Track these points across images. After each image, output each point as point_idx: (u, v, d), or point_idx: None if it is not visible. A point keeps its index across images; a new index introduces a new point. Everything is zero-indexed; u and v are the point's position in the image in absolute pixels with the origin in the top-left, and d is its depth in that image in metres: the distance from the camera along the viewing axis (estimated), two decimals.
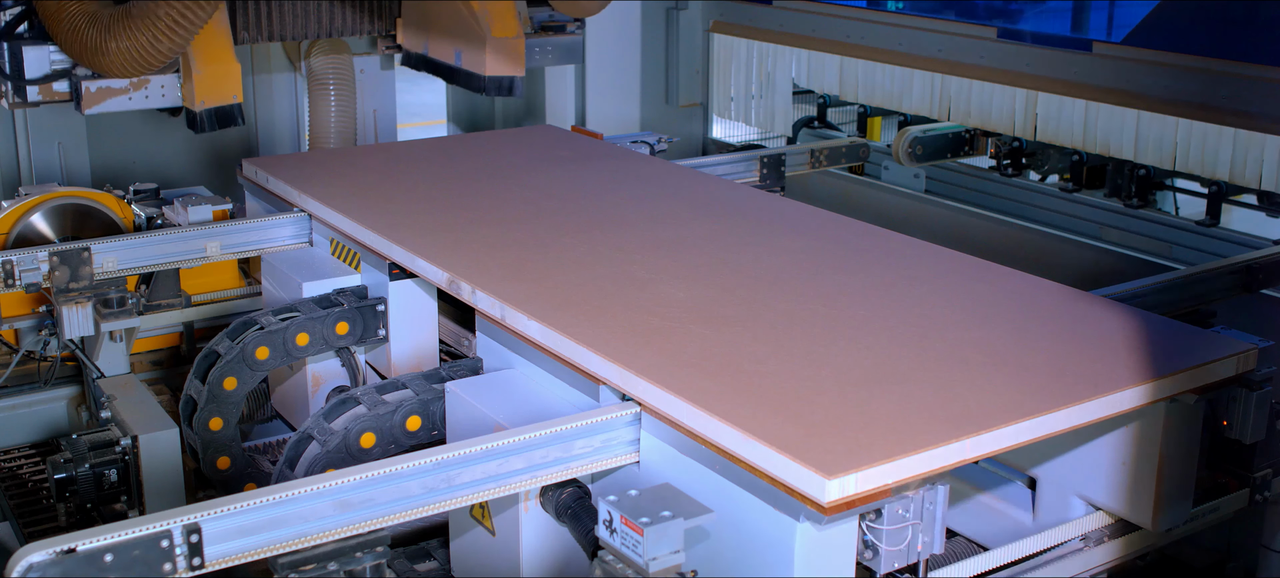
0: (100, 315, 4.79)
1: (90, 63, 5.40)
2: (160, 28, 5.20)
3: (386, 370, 4.61)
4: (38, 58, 5.63)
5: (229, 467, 4.52)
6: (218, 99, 5.73)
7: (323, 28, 6.39)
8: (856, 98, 7.33)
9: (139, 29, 5.22)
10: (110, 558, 2.66)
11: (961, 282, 4.10)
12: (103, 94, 5.65)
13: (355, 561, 2.97)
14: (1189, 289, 4.53)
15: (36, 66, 5.61)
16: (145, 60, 5.31)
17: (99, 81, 5.59)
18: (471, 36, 6.21)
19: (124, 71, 5.39)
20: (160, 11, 5.18)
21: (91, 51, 5.33)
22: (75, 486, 4.32)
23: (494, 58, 6.20)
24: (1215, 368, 3.50)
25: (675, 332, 3.59)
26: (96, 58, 5.34)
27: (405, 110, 8.34)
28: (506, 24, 6.22)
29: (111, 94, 5.67)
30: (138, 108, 5.77)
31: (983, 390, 3.24)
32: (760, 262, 4.25)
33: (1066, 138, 6.13)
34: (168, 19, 5.18)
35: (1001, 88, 6.39)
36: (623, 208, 4.87)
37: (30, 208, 5.43)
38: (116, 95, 5.69)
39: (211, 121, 5.72)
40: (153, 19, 5.20)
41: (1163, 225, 5.86)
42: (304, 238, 5.08)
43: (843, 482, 2.78)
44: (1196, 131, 5.57)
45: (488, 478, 3.13)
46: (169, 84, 5.76)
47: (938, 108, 6.75)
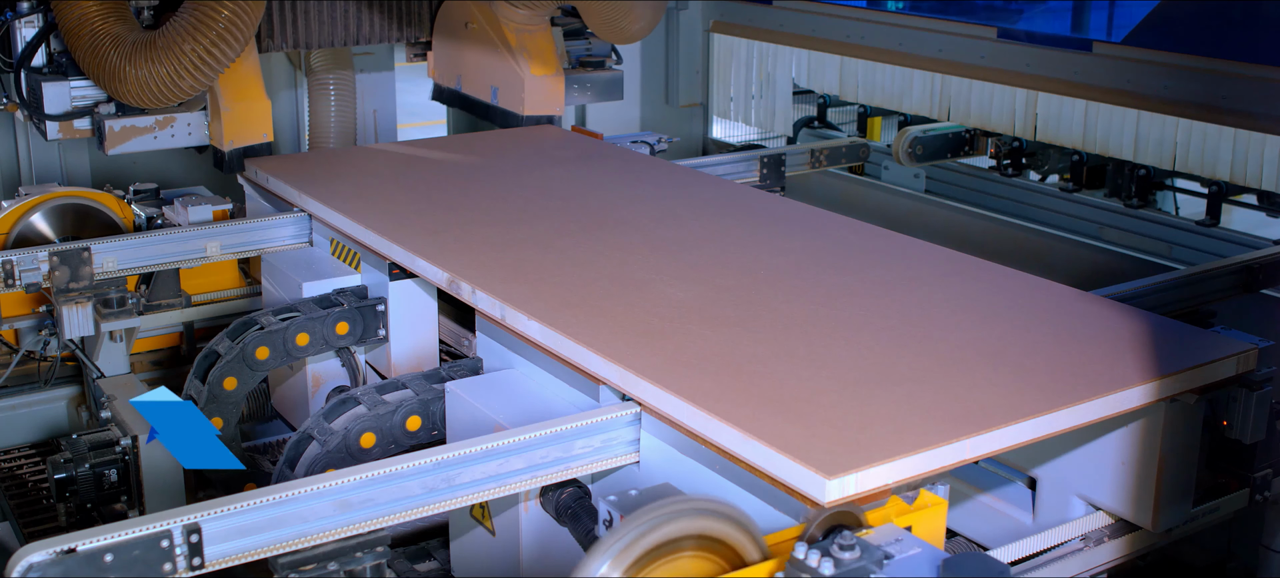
0: (100, 315, 4.79)
1: (108, 87, 5.16)
2: (184, 64, 4.97)
3: (386, 370, 4.61)
4: (58, 94, 5.39)
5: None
6: (247, 138, 5.50)
7: (350, 35, 6.19)
8: (856, 98, 7.33)
9: (161, 61, 4.97)
10: (110, 558, 2.66)
11: (961, 282, 4.10)
12: (127, 133, 5.44)
13: (355, 561, 2.97)
14: (1189, 289, 4.53)
15: (57, 103, 5.39)
16: (166, 94, 5.08)
17: (123, 119, 5.39)
18: (509, 73, 6.01)
19: (143, 102, 5.15)
20: (185, 47, 4.95)
21: (111, 76, 5.08)
22: (75, 486, 4.32)
23: (533, 96, 6.00)
24: (1215, 368, 3.50)
25: (675, 332, 3.59)
26: (115, 84, 5.09)
27: (405, 110, 8.34)
28: (546, 61, 6.04)
29: (136, 133, 5.46)
30: (163, 147, 5.57)
31: (983, 391, 3.24)
32: (760, 262, 4.25)
33: (1066, 138, 6.13)
34: (192, 56, 4.95)
35: (1001, 88, 6.39)
36: (623, 208, 4.87)
37: (30, 208, 5.43)
38: (141, 134, 5.48)
39: (239, 162, 5.49)
40: (176, 54, 4.96)
41: (1163, 225, 5.86)
42: (304, 238, 5.08)
43: (842, 482, 2.78)
44: (1196, 131, 5.58)
45: (488, 478, 3.13)
46: (195, 122, 5.57)
47: (938, 108, 6.76)
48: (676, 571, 2.51)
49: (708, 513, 2.52)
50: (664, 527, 2.46)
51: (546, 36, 6.19)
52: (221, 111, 5.42)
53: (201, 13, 4.95)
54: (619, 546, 2.41)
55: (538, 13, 6.09)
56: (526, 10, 6.04)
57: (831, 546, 2.49)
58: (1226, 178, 5.51)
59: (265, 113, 5.53)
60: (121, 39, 5.05)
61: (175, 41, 4.95)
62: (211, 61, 4.97)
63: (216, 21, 4.94)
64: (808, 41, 7.45)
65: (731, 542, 2.57)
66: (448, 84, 6.56)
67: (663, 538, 2.47)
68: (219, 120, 5.45)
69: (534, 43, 6.04)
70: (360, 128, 7.24)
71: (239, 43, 5.01)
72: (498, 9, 6.07)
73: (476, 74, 6.28)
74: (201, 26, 4.95)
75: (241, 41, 5.01)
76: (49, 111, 5.37)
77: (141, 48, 5.00)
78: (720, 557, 2.58)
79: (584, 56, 6.53)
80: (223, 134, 5.45)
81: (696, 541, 2.52)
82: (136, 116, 5.43)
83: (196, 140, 5.58)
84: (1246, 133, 5.39)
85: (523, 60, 5.95)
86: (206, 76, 5.04)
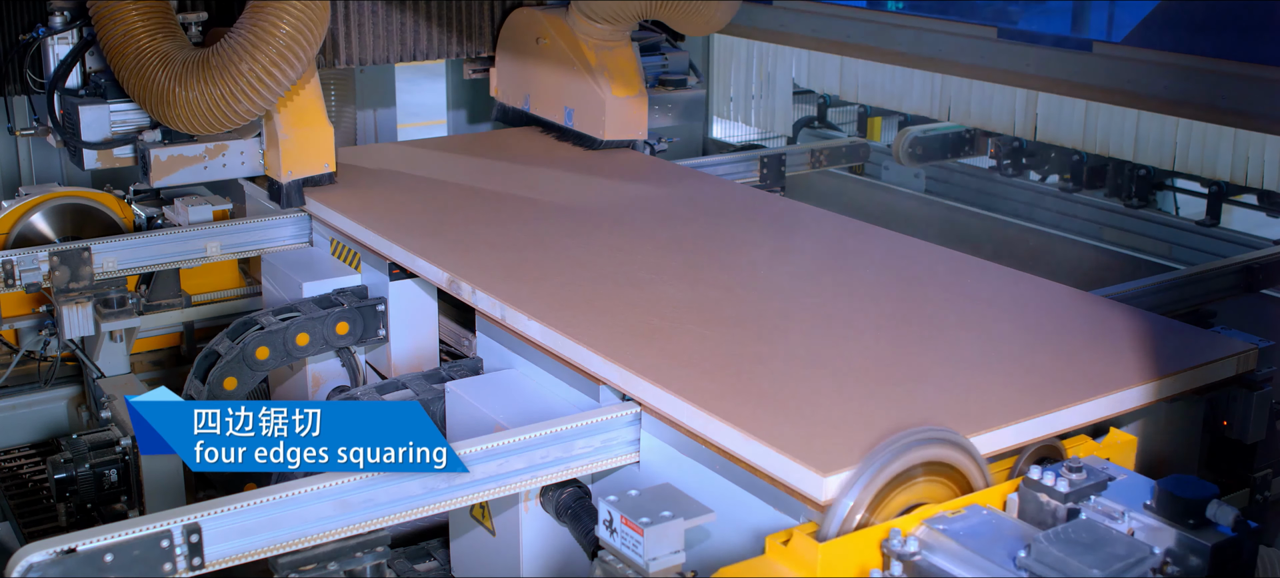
0: (100, 315, 4.79)
1: (156, 111, 4.67)
2: (240, 85, 4.47)
3: (386, 370, 4.61)
4: (96, 119, 4.90)
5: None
6: (307, 168, 4.96)
7: (406, 51, 5.75)
8: (856, 98, 7.33)
9: (214, 82, 4.48)
10: (110, 558, 2.66)
11: (962, 282, 4.10)
12: (175, 163, 4.93)
13: (355, 561, 2.97)
14: (1189, 289, 4.53)
15: (95, 129, 4.90)
16: (219, 119, 4.58)
17: (170, 148, 4.89)
18: (587, 93, 5.56)
19: (193, 127, 4.64)
20: (242, 66, 4.45)
21: (159, 99, 4.59)
22: (75, 486, 4.32)
23: (615, 119, 5.54)
24: (1215, 368, 3.50)
25: (675, 332, 3.59)
26: (163, 107, 4.61)
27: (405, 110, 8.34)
28: (628, 80, 5.57)
29: (184, 162, 4.96)
30: (214, 178, 5.08)
31: (982, 391, 3.24)
32: (760, 262, 4.25)
33: (1066, 138, 6.13)
34: (250, 76, 4.45)
35: (1001, 88, 6.39)
36: (623, 208, 4.86)
37: (30, 208, 5.43)
38: (190, 164, 4.97)
39: (298, 194, 4.98)
40: (232, 73, 4.47)
41: (1163, 225, 5.86)
42: (304, 238, 5.08)
43: (841, 479, 2.77)
44: (1196, 131, 5.57)
45: (488, 478, 3.12)
46: (249, 150, 5.04)
47: (938, 108, 6.75)
48: (912, 497, 2.76)
49: (938, 442, 2.79)
50: (902, 457, 2.72)
51: (628, 53, 5.72)
52: (278, 139, 4.91)
53: (259, 28, 4.48)
54: (864, 479, 2.69)
55: (619, 28, 5.68)
56: (606, 25, 5.62)
57: (1060, 468, 2.74)
58: (1226, 178, 5.51)
59: (327, 140, 5.01)
60: (170, 58, 4.58)
61: (231, 60, 4.47)
62: (270, 82, 4.50)
63: (275, 37, 4.46)
64: (808, 41, 7.44)
65: (960, 467, 2.83)
66: (513, 104, 6.06)
67: (902, 467, 2.73)
68: (276, 148, 4.94)
69: (615, 61, 5.59)
70: (360, 128, 7.24)
71: (301, 61, 4.54)
72: (574, 23, 5.67)
73: (548, 94, 5.81)
74: (260, 43, 4.47)
75: (303, 60, 4.55)
76: (86, 139, 4.92)
77: (193, 67, 4.53)
78: (950, 482, 2.83)
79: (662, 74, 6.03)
80: (280, 164, 4.93)
81: (926, 468, 2.78)
82: (185, 144, 4.95)
83: (250, 170, 5.10)
84: (1246, 133, 5.39)
85: (603, 80, 5.49)
86: (265, 99, 4.56)
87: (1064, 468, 2.73)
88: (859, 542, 2.64)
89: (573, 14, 5.65)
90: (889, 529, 2.63)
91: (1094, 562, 2.42)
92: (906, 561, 2.59)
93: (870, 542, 2.64)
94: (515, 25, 5.99)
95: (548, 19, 5.77)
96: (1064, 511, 2.68)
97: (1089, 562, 2.42)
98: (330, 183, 5.01)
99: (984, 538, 2.60)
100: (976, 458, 2.85)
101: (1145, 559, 2.46)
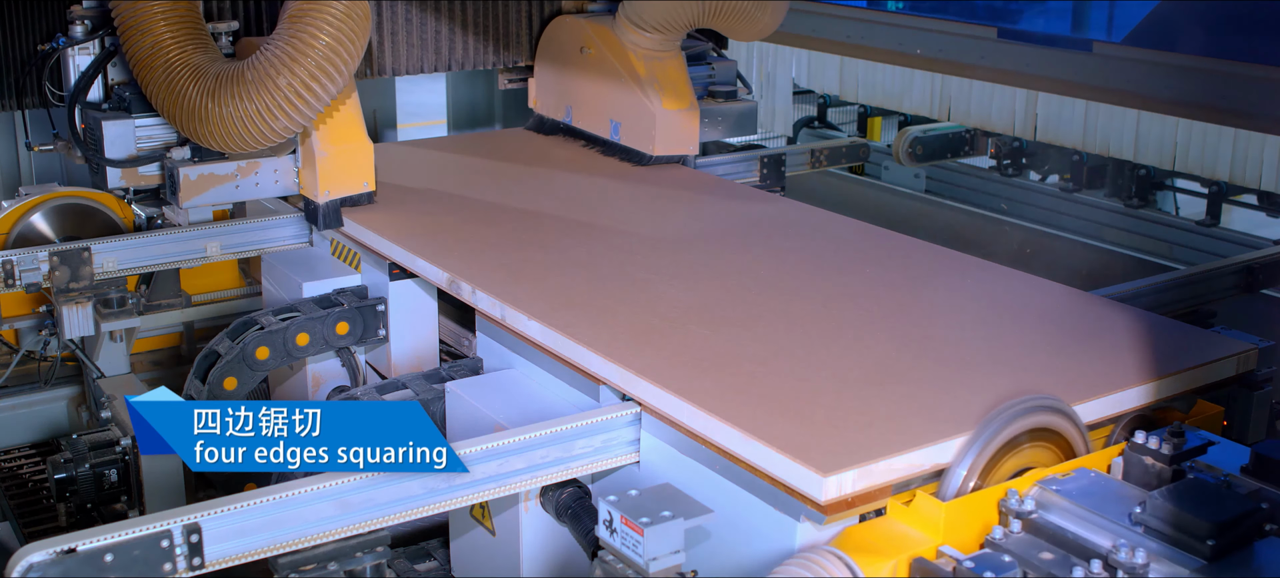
0: (100, 315, 4.79)
1: (186, 128, 4.39)
2: (277, 99, 4.20)
3: (386, 370, 4.61)
4: (120, 135, 4.61)
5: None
6: (345, 188, 4.65)
7: (442, 61, 5.53)
8: (856, 98, 7.34)
9: (250, 97, 4.21)
10: (110, 558, 2.66)
11: (962, 282, 4.10)
12: (205, 182, 4.62)
13: (355, 561, 2.97)
14: (1189, 289, 4.53)
15: (119, 145, 4.60)
16: (255, 136, 4.30)
17: (200, 166, 4.58)
18: (635, 106, 5.28)
19: (226, 145, 4.35)
20: (279, 81, 4.18)
21: (190, 115, 4.31)
22: (75, 486, 4.33)
23: (665, 133, 5.25)
24: (1215, 368, 3.50)
25: (675, 332, 3.59)
26: (195, 124, 4.32)
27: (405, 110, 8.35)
28: (679, 93, 5.29)
29: (215, 181, 4.64)
30: (246, 198, 4.80)
31: (982, 390, 3.24)
32: (760, 262, 4.25)
33: (1066, 138, 6.13)
34: (288, 90, 4.18)
35: (1001, 88, 6.39)
36: (623, 208, 4.86)
37: (31, 208, 5.43)
38: (221, 183, 4.65)
39: (335, 216, 4.66)
40: (269, 88, 4.20)
41: (1163, 225, 5.86)
42: (304, 238, 5.08)
43: (840, 479, 2.78)
44: (1196, 131, 5.58)
45: (488, 478, 3.13)
46: (283, 169, 4.70)
47: (938, 108, 6.76)
48: (1020, 462, 2.94)
49: (1046, 409, 2.97)
50: (1013, 424, 2.90)
51: (678, 64, 5.43)
52: (316, 157, 4.59)
53: (298, 39, 4.19)
54: (978, 445, 2.86)
55: (669, 37, 5.38)
56: (656, 34, 5.33)
57: (1163, 433, 2.94)
58: (1226, 178, 5.51)
59: (367, 157, 4.70)
60: (202, 71, 4.31)
61: (267, 74, 4.19)
62: (310, 97, 4.22)
63: (314, 48, 4.18)
64: (808, 41, 7.45)
65: (1064, 433, 3.01)
66: (553, 115, 5.79)
67: (1012, 434, 2.90)
68: (312, 166, 4.62)
69: (665, 72, 5.29)
70: None
71: (342, 74, 4.26)
72: (622, 32, 5.39)
73: (592, 106, 5.52)
74: (298, 55, 4.19)
75: (345, 73, 4.28)
76: (110, 156, 4.63)
77: (227, 82, 4.25)
78: (1053, 448, 3.00)
79: (710, 85, 5.71)
80: (317, 183, 4.61)
81: (1032, 434, 2.95)
82: (215, 162, 4.62)
83: (284, 189, 4.78)
84: (1246, 133, 5.40)
85: (652, 92, 5.22)
86: (303, 115, 4.27)
87: (1167, 433, 2.94)
88: (979, 501, 2.82)
89: (620, 22, 5.40)
90: (1006, 490, 2.80)
91: (1209, 515, 2.59)
92: (1025, 518, 2.75)
93: (988, 502, 2.82)
94: (556, 34, 5.74)
95: (592, 27, 5.52)
96: (1169, 472, 2.88)
97: (1204, 515, 2.59)
98: (369, 203, 4.73)
99: (1095, 497, 2.77)
100: (1079, 425, 3.04)
101: (1255, 513, 2.63)
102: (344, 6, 4.19)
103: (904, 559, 2.73)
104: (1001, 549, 2.70)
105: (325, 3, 4.18)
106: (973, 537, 2.79)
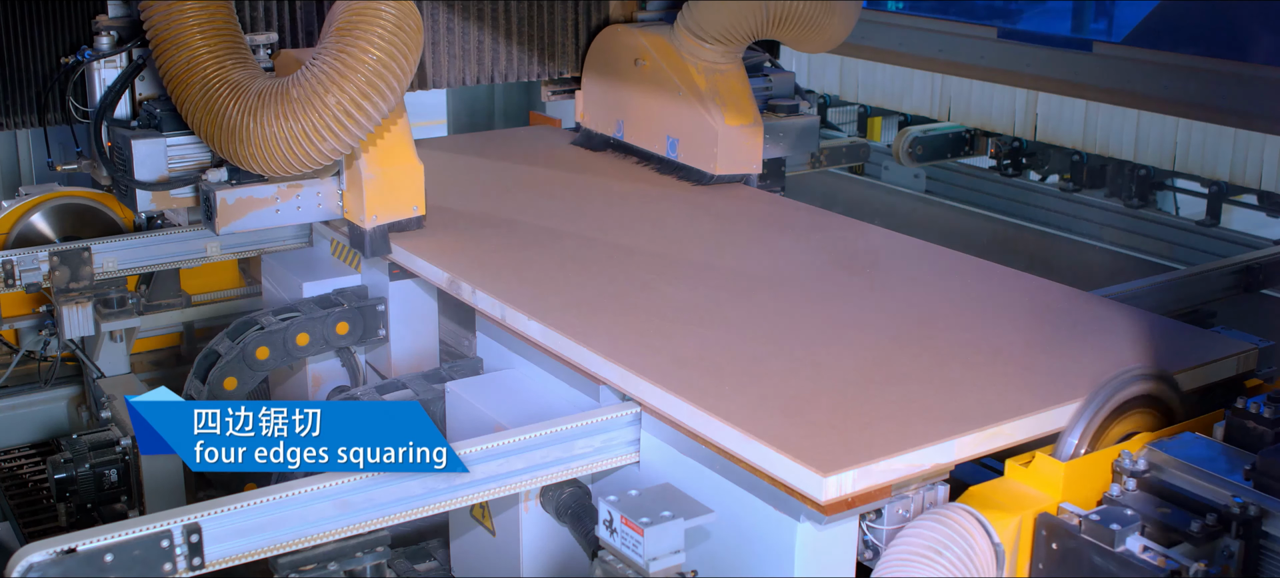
0: (100, 315, 4.79)
1: (225, 148, 4.05)
2: (325, 118, 3.90)
3: (386, 370, 4.61)
4: (151, 155, 4.27)
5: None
6: (394, 212, 4.34)
7: (484, 73, 5.26)
8: (856, 98, 7.34)
9: (295, 116, 3.91)
10: (110, 558, 2.67)
11: (962, 282, 4.10)
12: (243, 206, 4.28)
13: (355, 561, 2.97)
14: (1189, 289, 4.54)
15: (150, 166, 4.26)
16: (300, 158, 3.99)
17: (238, 189, 4.24)
18: (695, 122, 4.99)
19: (269, 167, 4.03)
20: (328, 99, 3.89)
21: (229, 134, 4.00)
22: (75, 486, 4.32)
23: (728, 151, 4.94)
24: (1215, 368, 3.50)
25: (675, 332, 3.59)
26: (234, 145, 4.00)
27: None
28: (742, 108, 4.99)
29: (254, 205, 4.30)
30: (286, 223, 4.47)
31: (983, 390, 3.24)
32: (760, 262, 4.25)
33: (1066, 138, 6.13)
34: (337, 109, 3.89)
35: (1001, 88, 6.40)
36: (623, 208, 4.86)
37: (31, 208, 5.43)
38: (261, 207, 4.31)
39: (382, 242, 4.33)
40: (318, 105, 3.90)
41: (1163, 225, 5.86)
42: (304, 238, 5.08)
43: (840, 479, 2.78)
44: (1196, 131, 5.58)
45: (488, 478, 3.13)
46: (327, 192, 4.38)
47: (938, 108, 6.76)
48: (1125, 427, 3.12)
49: (1152, 378, 3.16)
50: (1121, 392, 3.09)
51: (741, 77, 5.09)
52: (362, 179, 4.26)
53: (347, 53, 3.90)
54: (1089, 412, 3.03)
55: (731, 48, 5.07)
56: (718, 45, 5.03)
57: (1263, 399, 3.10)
58: (1226, 178, 5.51)
59: (417, 180, 4.37)
60: (242, 88, 4.00)
61: (314, 91, 3.89)
62: (360, 116, 3.93)
63: (364, 63, 3.89)
64: None
65: (1166, 400, 3.19)
66: (603, 130, 5.49)
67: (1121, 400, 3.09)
68: (359, 190, 4.29)
69: (727, 85, 4.99)
70: None
71: (394, 91, 3.98)
72: (680, 43, 5.09)
73: (647, 121, 5.21)
74: (348, 70, 3.90)
75: (397, 90, 3.99)
76: (140, 178, 4.26)
77: (270, 100, 3.94)
78: (1155, 414, 3.19)
79: (769, 98, 5.37)
80: (364, 207, 4.29)
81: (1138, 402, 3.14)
82: (254, 185, 4.27)
83: (327, 214, 4.45)
84: (1246, 133, 5.40)
85: (714, 108, 4.92)
86: (353, 135, 3.97)
87: (1267, 399, 3.10)
88: (1094, 462, 3.00)
89: (678, 33, 5.10)
90: (1119, 452, 3.00)
91: None
92: (1139, 477, 2.95)
93: (1102, 463, 3.01)
94: (607, 45, 5.43)
95: (648, 38, 5.21)
96: (1270, 434, 3.02)
97: None
98: (418, 228, 4.42)
99: (1203, 457, 2.98)
100: (1180, 392, 3.23)
101: None
102: (395, 15, 3.92)
103: (1029, 515, 2.88)
104: (1120, 505, 2.89)
105: (375, 12, 3.91)
106: (1088, 496, 2.96)
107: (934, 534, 2.78)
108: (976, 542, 2.79)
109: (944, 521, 2.80)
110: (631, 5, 5.50)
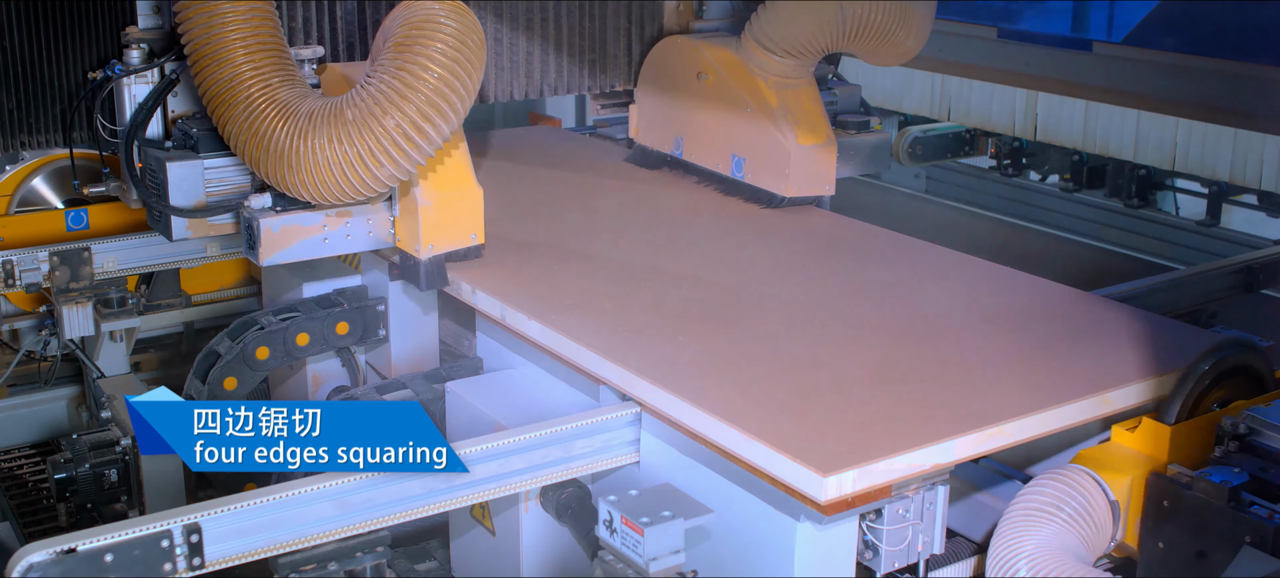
0: (100, 315, 4.79)
1: (272, 173, 3.73)
2: (382, 142, 3.60)
3: (386, 370, 4.61)
4: (188, 179, 3.93)
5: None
6: (451, 240, 4.02)
7: (534, 86, 4.99)
8: None
9: (351, 139, 3.60)
10: (110, 558, 2.67)
11: (962, 282, 4.10)
12: (290, 235, 3.90)
13: (355, 561, 2.97)
14: (1189, 289, 4.54)
15: (187, 191, 3.94)
16: (356, 184, 3.69)
17: (283, 217, 3.86)
18: (764, 141, 4.69)
19: (319, 194, 3.73)
20: (386, 121, 3.58)
21: (277, 159, 3.68)
22: (75, 486, 4.32)
23: (800, 171, 4.63)
24: None
25: (675, 332, 3.59)
26: (282, 169, 3.69)
27: None
28: (814, 126, 4.68)
29: (301, 234, 3.93)
30: (335, 252, 4.09)
31: (982, 390, 3.24)
32: (760, 262, 4.25)
33: (1066, 138, 6.13)
34: (396, 132, 3.59)
35: (1001, 88, 6.39)
36: (623, 208, 4.86)
37: (33, 170, 5.39)
38: (308, 236, 3.95)
39: (439, 274, 4.03)
40: (375, 128, 3.60)
41: (1163, 225, 5.86)
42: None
43: (840, 479, 2.78)
44: (1196, 131, 5.58)
45: (488, 478, 3.13)
46: (378, 219, 4.02)
47: (938, 108, 6.76)
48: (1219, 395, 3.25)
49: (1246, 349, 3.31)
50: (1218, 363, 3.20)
51: (813, 94, 4.79)
52: (418, 206, 3.94)
53: (406, 71, 3.61)
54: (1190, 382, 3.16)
55: (803, 63, 4.76)
56: (789, 59, 4.73)
57: None
58: (1226, 178, 5.51)
59: (477, 206, 4.07)
60: (291, 109, 3.68)
61: (371, 113, 3.60)
62: (420, 139, 3.64)
63: (425, 82, 3.60)
64: None
65: (1258, 369, 3.32)
66: (660, 148, 5.17)
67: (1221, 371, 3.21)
68: (413, 217, 3.97)
69: (799, 102, 4.69)
70: None
71: (457, 112, 3.68)
72: (748, 56, 4.79)
73: (709, 139, 4.91)
74: (408, 90, 3.60)
75: (460, 111, 3.70)
76: (175, 203, 3.95)
77: (322, 122, 3.63)
78: (1246, 382, 3.31)
79: (837, 114, 5.08)
80: (419, 236, 3.96)
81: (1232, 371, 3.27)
82: (300, 212, 3.90)
83: (377, 243, 4.09)
84: (1246, 133, 5.40)
85: (786, 125, 4.62)
86: (412, 160, 3.68)
87: None
88: (1196, 427, 3.14)
89: (746, 46, 4.81)
90: (1221, 417, 3.14)
91: None
92: (1241, 439, 3.10)
93: (1204, 428, 3.16)
94: (665, 58, 5.13)
95: (711, 51, 4.91)
96: None
97: None
98: (477, 257, 4.11)
99: None
100: (1270, 363, 3.36)
101: None
102: (457, 27, 3.63)
103: (1140, 476, 3.04)
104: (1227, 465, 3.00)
105: (435, 25, 3.62)
106: (1191, 458, 3.08)
107: (1054, 492, 2.98)
108: (1094, 499, 2.99)
109: (1063, 478, 3.00)
110: (687, 15, 5.22)
